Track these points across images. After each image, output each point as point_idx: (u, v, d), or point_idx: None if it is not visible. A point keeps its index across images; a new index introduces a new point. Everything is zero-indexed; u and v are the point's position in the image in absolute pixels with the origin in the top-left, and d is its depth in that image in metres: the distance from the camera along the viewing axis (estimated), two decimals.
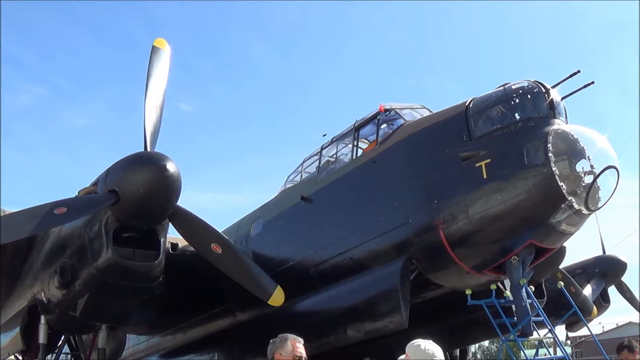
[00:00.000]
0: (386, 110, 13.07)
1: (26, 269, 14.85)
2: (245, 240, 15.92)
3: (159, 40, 12.99)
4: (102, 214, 11.53)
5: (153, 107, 12.20)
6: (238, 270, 12.91)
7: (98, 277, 11.68)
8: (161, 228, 11.94)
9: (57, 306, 12.92)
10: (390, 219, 11.90)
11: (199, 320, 17.33)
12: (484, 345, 54.87)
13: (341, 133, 14.24)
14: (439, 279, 11.73)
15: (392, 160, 12.24)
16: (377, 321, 11.73)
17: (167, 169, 11.13)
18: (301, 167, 15.33)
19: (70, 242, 12.29)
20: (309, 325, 12.72)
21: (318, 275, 13.40)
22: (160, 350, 19.90)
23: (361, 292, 12.31)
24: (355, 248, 12.55)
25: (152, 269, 11.79)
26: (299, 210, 14.35)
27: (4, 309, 17.46)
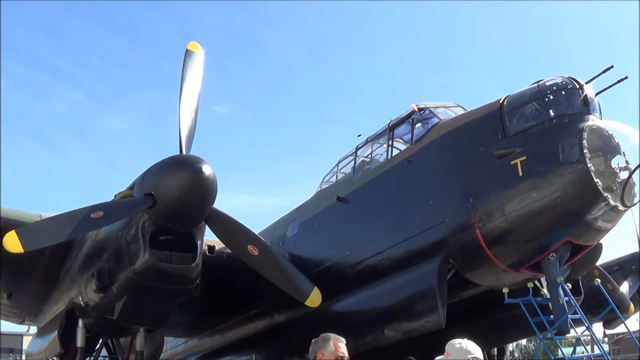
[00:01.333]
0: (420, 109, 13.16)
1: (63, 273, 15.17)
2: (281, 242, 16.10)
3: (193, 44, 13.21)
4: (139, 218, 11.72)
5: (188, 111, 12.40)
6: (275, 271, 13.06)
7: (135, 281, 11.88)
8: (198, 231, 12.06)
9: (95, 310, 13.15)
10: (426, 218, 12.00)
11: (237, 322, 17.49)
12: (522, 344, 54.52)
13: (376, 133, 14.35)
14: (476, 277, 11.80)
15: (427, 160, 12.34)
16: (415, 321, 11.81)
17: (202, 172, 11.25)
18: (336, 168, 15.46)
19: (107, 246, 12.50)
20: (346, 325, 12.70)
21: (355, 276, 13.47)
22: (198, 352, 20.12)
23: (398, 292, 12.39)
24: (392, 248, 12.65)
25: (189, 271, 11.94)
26: (335, 210, 14.46)
27: (42, 313, 17.90)
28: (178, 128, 12.16)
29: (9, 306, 19.04)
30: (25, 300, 18.19)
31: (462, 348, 6.42)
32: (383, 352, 13.23)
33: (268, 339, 16.73)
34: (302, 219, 15.79)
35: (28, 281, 16.56)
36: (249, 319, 17.02)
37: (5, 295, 17.62)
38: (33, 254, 12.70)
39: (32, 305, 18.47)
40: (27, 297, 17.81)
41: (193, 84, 12.82)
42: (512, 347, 49.35)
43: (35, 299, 17.61)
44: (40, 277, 16.15)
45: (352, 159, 14.78)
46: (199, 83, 12.97)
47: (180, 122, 12.19)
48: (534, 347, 30.35)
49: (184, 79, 12.66)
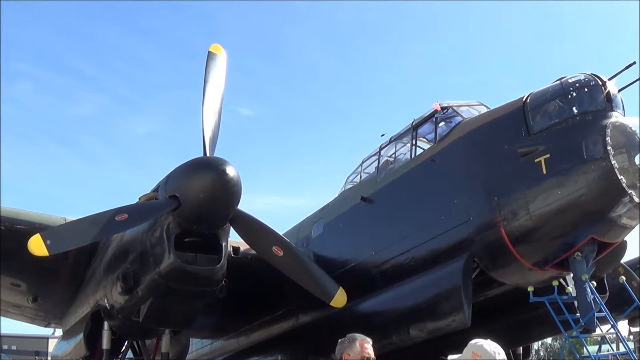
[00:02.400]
0: (443, 108, 13.30)
1: (89, 276, 15.38)
2: (306, 242, 16.28)
3: (215, 46, 13.42)
4: (164, 220, 11.90)
5: (211, 113, 12.62)
6: (300, 272, 13.25)
7: (161, 282, 12.08)
8: (222, 232, 12.25)
9: (121, 312, 13.38)
10: (450, 218, 12.12)
11: (262, 322, 17.71)
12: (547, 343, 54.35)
13: (399, 132, 14.50)
14: (501, 276, 11.90)
15: (451, 158, 12.49)
16: (440, 320, 11.95)
17: (226, 173, 11.44)
18: (360, 168, 15.62)
19: (132, 248, 12.70)
20: (372, 325, 12.88)
21: (380, 276, 13.62)
22: (223, 353, 20.33)
23: (423, 291, 12.49)
24: (417, 247, 12.76)
25: (214, 273, 12.12)
26: (359, 210, 14.60)
27: (68, 316, 18.14)
28: (202, 130, 12.34)
29: (34, 309, 19.35)
30: (50, 303, 18.50)
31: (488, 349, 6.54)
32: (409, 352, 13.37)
33: (293, 339, 16.89)
34: (327, 219, 15.95)
35: (53, 284, 16.86)
36: (274, 320, 17.20)
37: (30, 298, 17.92)
38: (58, 257, 13.03)
39: (57, 308, 18.76)
40: (53, 300, 18.10)
41: (216, 86, 13.03)
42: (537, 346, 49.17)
43: (61, 301, 17.89)
44: (66, 280, 16.43)
45: (376, 159, 14.95)
46: (221, 85, 13.17)
47: (203, 124, 12.38)
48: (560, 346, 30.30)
49: (206, 81, 12.86)
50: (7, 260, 15.43)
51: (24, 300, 18.35)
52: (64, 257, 14.27)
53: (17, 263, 15.22)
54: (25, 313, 20.19)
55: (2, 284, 17.26)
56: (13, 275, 16.74)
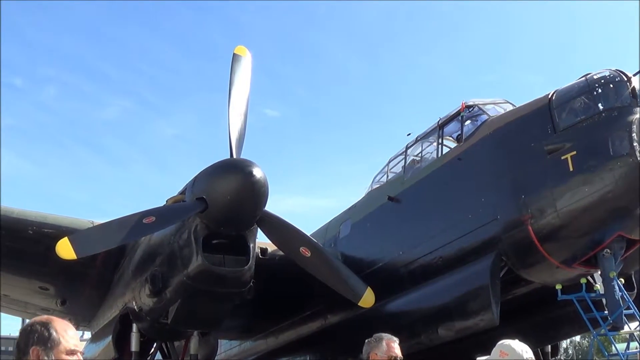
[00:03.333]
0: (469, 106, 13.45)
1: (117, 279, 15.60)
2: (333, 243, 16.46)
3: (240, 48, 13.61)
4: (191, 222, 12.07)
5: (237, 115, 12.78)
6: (327, 272, 13.44)
7: (189, 284, 12.24)
8: (250, 233, 12.40)
9: (149, 314, 13.55)
10: (478, 216, 12.20)
11: (290, 323, 17.84)
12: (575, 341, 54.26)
13: (425, 131, 14.62)
14: (529, 274, 11.96)
15: (477, 157, 12.60)
16: (468, 319, 12.05)
17: (253, 175, 11.56)
18: (387, 168, 15.79)
19: (160, 251, 12.89)
20: (400, 325, 12.94)
21: (407, 275, 13.75)
22: (252, 354, 20.52)
23: (451, 290, 12.62)
24: (444, 247, 12.88)
25: (242, 274, 12.29)
26: (386, 210, 14.77)
27: (96, 319, 18.34)
28: (228, 132, 12.51)
29: (62, 312, 19.60)
30: (79, 306, 18.68)
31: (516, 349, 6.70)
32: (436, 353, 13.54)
33: (322, 340, 17.06)
34: (354, 219, 16.11)
35: (82, 287, 17.09)
36: (302, 321, 17.36)
37: (59, 301, 18.17)
38: (86, 260, 13.39)
39: (85, 311, 18.95)
40: (81, 303, 18.30)
41: (241, 88, 13.22)
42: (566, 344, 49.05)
43: (89, 304, 18.11)
44: (94, 283, 16.67)
45: (403, 158, 15.07)
46: (247, 86, 13.35)
47: (230, 126, 12.56)
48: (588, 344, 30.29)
49: (232, 83, 13.05)
50: (35, 264, 15.74)
51: (53, 304, 18.62)
52: (92, 260, 14.61)
53: (45, 267, 15.50)
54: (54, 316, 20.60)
55: (30, 287, 17.60)
56: (41, 279, 17.02)
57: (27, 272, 16.83)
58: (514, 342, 6.40)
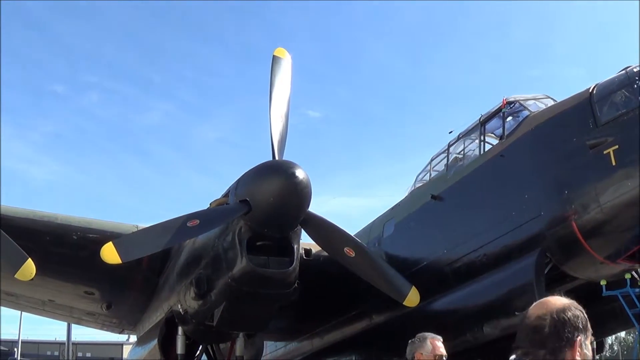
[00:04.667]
0: (510, 102, 13.55)
1: (162, 282, 15.91)
2: (377, 242, 16.61)
3: (279, 50, 13.89)
4: (235, 224, 12.33)
5: (278, 116, 13.06)
6: (372, 272, 13.63)
7: (234, 286, 12.50)
8: (294, 235, 12.69)
9: (194, 317, 13.88)
10: (521, 213, 12.29)
11: (335, 324, 18.10)
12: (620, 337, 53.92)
13: (467, 129, 14.77)
14: (574, 270, 12.01)
15: (520, 153, 12.70)
16: (514, 317, 11.97)
17: (296, 176, 11.81)
18: (429, 166, 15.92)
19: (204, 253, 13.19)
20: (445, 324, 12.97)
21: (452, 274, 13.88)
22: (298, 355, 20.76)
23: (496, 288, 12.73)
24: (488, 244, 12.97)
25: (287, 275, 12.51)
26: (429, 209, 14.93)
27: (142, 322, 18.70)
28: (270, 134, 12.80)
29: (108, 316, 20.05)
30: (124, 310, 19.12)
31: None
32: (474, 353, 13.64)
33: (367, 340, 17.21)
34: (397, 218, 16.29)
35: (127, 291, 17.53)
36: (347, 321, 17.59)
37: (104, 305, 18.60)
38: (131, 265, 13.41)
39: (131, 315, 19.38)
40: (126, 307, 18.71)
41: (282, 90, 13.50)
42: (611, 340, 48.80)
43: (134, 308, 18.51)
44: (139, 287, 17.05)
45: (445, 156, 15.22)
46: (288, 88, 13.64)
47: (271, 128, 12.84)
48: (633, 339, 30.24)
49: (272, 85, 13.35)
50: (80, 269, 16.14)
51: (98, 308, 19.10)
52: (137, 264, 14.79)
53: (90, 271, 15.89)
54: (99, 320, 20.95)
55: (75, 292, 18.10)
56: (86, 283, 17.47)
57: (73, 277, 17.26)
58: None
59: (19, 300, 19.66)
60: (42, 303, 19.82)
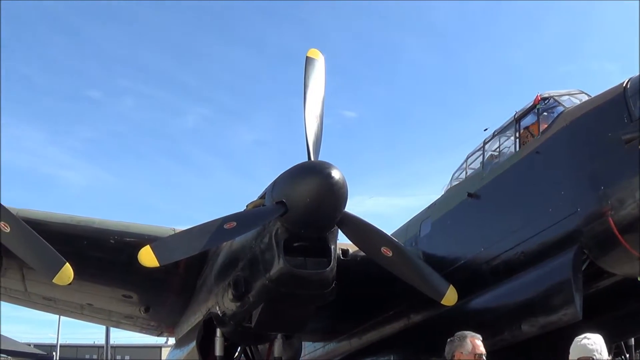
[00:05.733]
0: (544, 98, 13.63)
1: (200, 284, 16.28)
2: (414, 242, 16.76)
3: (312, 51, 14.07)
4: (272, 226, 12.56)
5: (313, 117, 13.26)
6: (409, 272, 13.80)
7: (272, 288, 12.74)
8: (331, 235, 12.84)
9: (232, 318, 14.19)
10: (558, 210, 12.31)
11: (373, 324, 18.26)
12: None
13: (502, 126, 14.86)
14: (611, 267, 11.97)
15: (555, 149, 12.74)
16: (551, 314, 12.14)
17: (332, 177, 11.99)
18: (465, 164, 16.07)
19: (241, 255, 13.48)
20: (483, 323, 13.13)
21: (489, 272, 13.92)
22: (336, 355, 20.94)
23: (533, 285, 12.75)
24: (525, 242, 13.02)
25: (324, 276, 12.69)
26: (466, 207, 15.04)
27: (180, 325, 19.12)
28: (305, 135, 13.02)
29: (146, 319, 20.52)
30: (162, 313, 19.65)
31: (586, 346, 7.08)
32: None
33: (405, 339, 17.32)
34: (434, 217, 16.42)
35: (165, 294, 17.97)
36: (385, 321, 17.73)
37: (142, 309, 19.02)
38: (169, 268, 13.98)
39: (169, 317, 19.91)
40: (165, 310, 19.21)
41: (316, 90, 13.69)
42: None
43: (173, 311, 18.97)
44: (177, 290, 17.46)
45: (480, 154, 15.34)
46: (322, 89, 13.84)
47: (306, 129, 13.05)
48: None
49: (306, 86, 13.54)
50: (118, 272, 16.58)
51: (136, 311, 19.54)
52: (174, 267, 15.31)
53: (128, 275, 16.31)
54: (138, 323, 21.44)
55: (113, 296, 18.54)
56: (124, 287, 17.92)
57: (111, 281, 17.72)
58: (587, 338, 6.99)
59: (57, 304, 20.20)
60: (81, 307, 20.35)
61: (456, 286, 13.76)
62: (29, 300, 19.88)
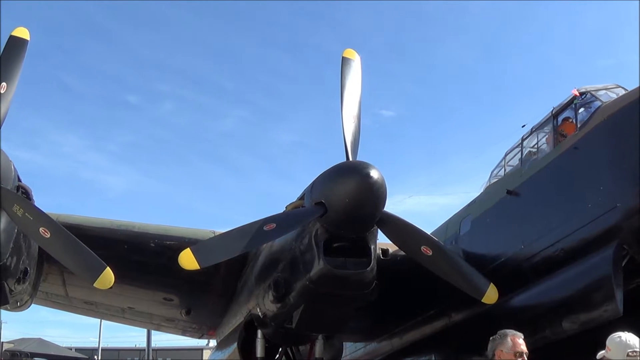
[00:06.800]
0: (582, 93, 13.66)
1: (240, 286, 16.62)
2: (454, 240, 16.88)
3: (348, 51, 14.29)
4: (311, 227, 12.80)
5: (350, 117, 13.46)
6: (450, 270, 13.82)
7: (312, 288, 12.98)
8: (370, 235, 12.95)
9: (273, 320, 14.47)
10: (597, 205, 12.32)
11: (414, 323, 18.41)
12: None
13: (540, 122, 14.94)
14: None
15: (593, 145, 12.75)
16: (592, 311, 12.23)
17: (370, 176, 12.07)
18: (504, 161, 16.16)
19: (281, 257, 13.72)
20: (524, 320, 13.37)
21: (530, 269, 14.03)
22: (377, 355, 21.10)
23: (574, 282, 12.83)
24: (565, 238, 13.04)
25: (364, 276, 12.82)
26: (505, 204, 15.09)
27: (221, 326, 19.57)
28: (342, 135, 13.21)
29: (187, 322, 20.90)
30: (203, 315, 20.06)
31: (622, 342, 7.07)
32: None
33: (446, 338, 17.45)
34: (474, 215, 16.51)
35: (206, 296, 18.37)
36: (426, 320, 17.88)
37: (184, 311, 19.41)
38: (209, 270, 14.04)
39: (210, 320, 20.37)
40: (206, 312, 19.63)
41: (353, 91, 13.90)
42: None
43: (214, 313, 19.37)
44: (218, 292, 17.84)
45: (519, 151, 15.40)
46: (358, 89, 14.03)
47: (344, 130, 13.24)
48: None
49: (343, 86, 13.75)
50: (159, 276, 16.98)
51: (177, 314, 19.94)
52: (215, 269, 15.51)
53: (169, 278, 16.74)
54: (179, 326, 21.84)
55: (155, 299, 18.93)
56: (165, 290, 18.32)
57: (151, 284, 18.13)
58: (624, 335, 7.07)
59: (98, 308, 20.69)
60: (122, 310, 20.79)
61: (496, 284, 13.73)
62: (70, 304, 20.39)
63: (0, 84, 12.45)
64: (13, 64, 12.77)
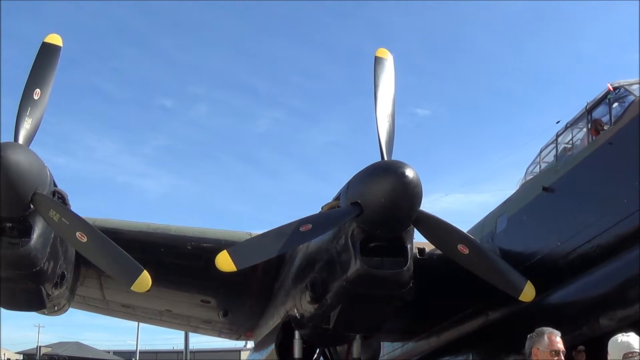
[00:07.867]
0: (615, 88, 13.65)
1: (277, 288, 16.93)
2: (491, 238, 16.86)
3: (381, 50, 14.48)
4: (347, 227, 13.03)
5: (384, 117, 13.67)
6: (486, 268, 13.88)
7: (349, 289, 13.17)
8: (407, 234, 13.20)
9: (311, 320, 14.70)
10: (633, 201, 12.23)
11: (451, 322, 18.49)
12: None
13: (574, 118, 14.96)
14: None
15: (628, 139, 12.71)
16: (629, 307, 12.27)
17: (406, 176, 12.26)
18: (539, 158, 16.17)
19: (318, 257, 13.96)
20: (561, 318, 13.27)
21: (566, 266, 14.00)
22: (415, 355, 21.12)
23: (610, 279, 12.82)
24: (601, 234, 12.98)
25: (401, 275, 13.01)
26: (541, 201, 15.08)
27: (259, 328, 19.87)
28: (377, 135, 13.39)
29: (225, 323, 21.22)
30: (241, 317, 20.40)
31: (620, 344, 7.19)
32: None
33: (483, 337, 17.48)
34: (510, 212, 16.49)
35: (243, 298, 18.73)
36: (463, 319, 17.94)
37: (221, 313, 19.76)
38: (246, 272, 14.37)
39: (248, 321, 20.70)
40: (243, 314, 19.96)
41: (387, 90, 14.08)
42: None
43: (251, 314, 19.72)
44: (255, 293, 18.18)
45: (554, 147, 15.41)
46: (392, 88, 14.19)
47: (378, 129, 13.43)
48: None
49: (376, 86, 13.94)
50: (196, 278, 17.32)
51: (215, 316, 20.28)
52: (252, 271, 15.81)
53: (206, 280, 17.08)
54: (216, 328, 22.19)
55: (192, 301, 19.28)
56: (202, 292, 18.66)
57: (188, 287, 18.49)
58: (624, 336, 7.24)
59: (135, 311, 21.09)
60: (159, 313, 21.14)
61: (533, 282, 13.80)
62: (107, 308, 20.81)
63: (34, 91, 12.76)
64: (46, 71, 13.10)
